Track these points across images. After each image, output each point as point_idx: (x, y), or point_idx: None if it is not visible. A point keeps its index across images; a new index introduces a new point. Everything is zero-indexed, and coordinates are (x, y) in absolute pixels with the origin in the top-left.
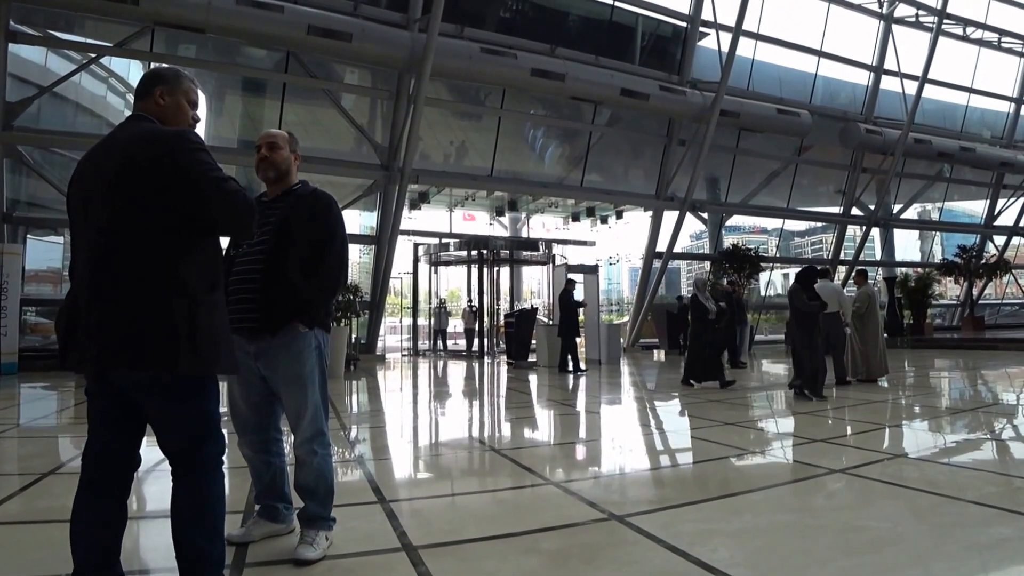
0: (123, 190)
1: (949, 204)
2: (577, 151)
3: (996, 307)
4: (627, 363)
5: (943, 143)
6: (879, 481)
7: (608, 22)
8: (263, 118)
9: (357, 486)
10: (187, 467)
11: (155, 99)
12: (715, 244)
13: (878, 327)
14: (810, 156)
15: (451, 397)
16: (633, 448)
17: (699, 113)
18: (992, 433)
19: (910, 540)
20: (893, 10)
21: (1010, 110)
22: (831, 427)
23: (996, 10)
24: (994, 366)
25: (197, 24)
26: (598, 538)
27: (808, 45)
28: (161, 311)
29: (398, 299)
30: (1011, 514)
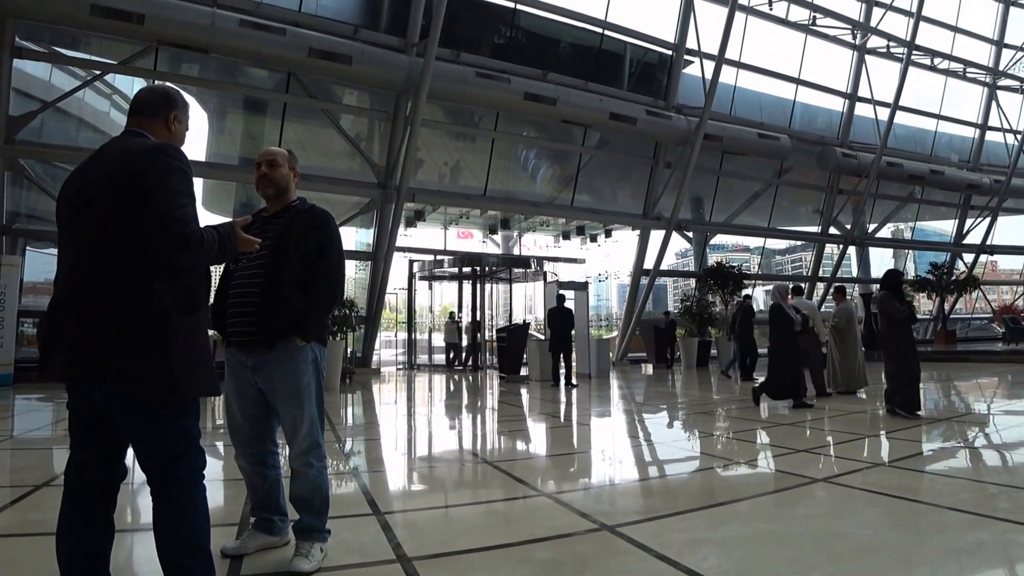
0: (105, 205)
1: (921, 223)
2: (568, 172)
3: (967, 321)
4: (616, 377)
5: (914, 166)
6: (860, 489)
7: (598, 49)
8: (264, 136)
9: (352, 498)
10: (164, 484)
11: (168, 121)
12: (700, 262)
13: (857, 341)
14: (789, 178)
15: (444, 410)
16: (623, 459)
17: (684, 137)
18: (966, 442)
19: (891, 546)
20: (866, 41)
21: (975, 136)
22: (812, 437)
23: (961, 42)
24: (966, 377)
25: (200, 44)
26: (590, 548)
27: (787, 73)
28: (135, 330)
29: (393, 314)
30: (986, 519)
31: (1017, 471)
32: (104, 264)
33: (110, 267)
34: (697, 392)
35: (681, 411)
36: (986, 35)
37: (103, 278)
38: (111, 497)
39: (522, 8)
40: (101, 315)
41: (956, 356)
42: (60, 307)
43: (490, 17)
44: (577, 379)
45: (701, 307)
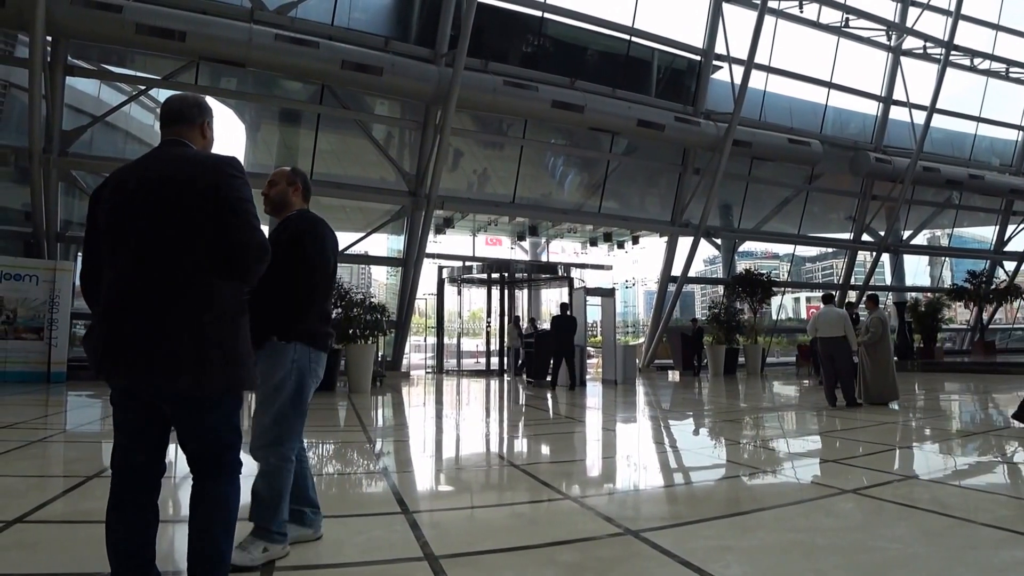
0: (173, 213)
1: (958, 230)
2: (595, 179)
3: (1007, 332)
4: (642, 383)
5: (952, 171)
6: (890, 502)
7: (625, 56)
8: (299, 147)
9: (382, 497)
10: (212, 472)
11: (202, 129)
12: (728, 269)
13: (889, 351)
14: (821, 184)
15: (472, 413)
16: (648, 465)
17: (713, 143)
18: (1004, 456)
19: (922, 561)
20: (901, 42)
21: (1019, 138)
22: (842, 448)
23: (1003, 41)
24: (1005, 390)
25: (238, 59)
26: (614, 552)
27: (818, 77)
28: (200, 330)
29: (423, 319)
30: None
31: None
32: (172, 268)
33: (178, 271)
34: (724, 399)
35: (707, 418)
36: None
37: (171, 280)
38: (155, 490)
39: (549, 17)
40: (169, 316)
41: (994, 368)
42: (117, 311)
43: (517, 26)
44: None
45: (729, 315)
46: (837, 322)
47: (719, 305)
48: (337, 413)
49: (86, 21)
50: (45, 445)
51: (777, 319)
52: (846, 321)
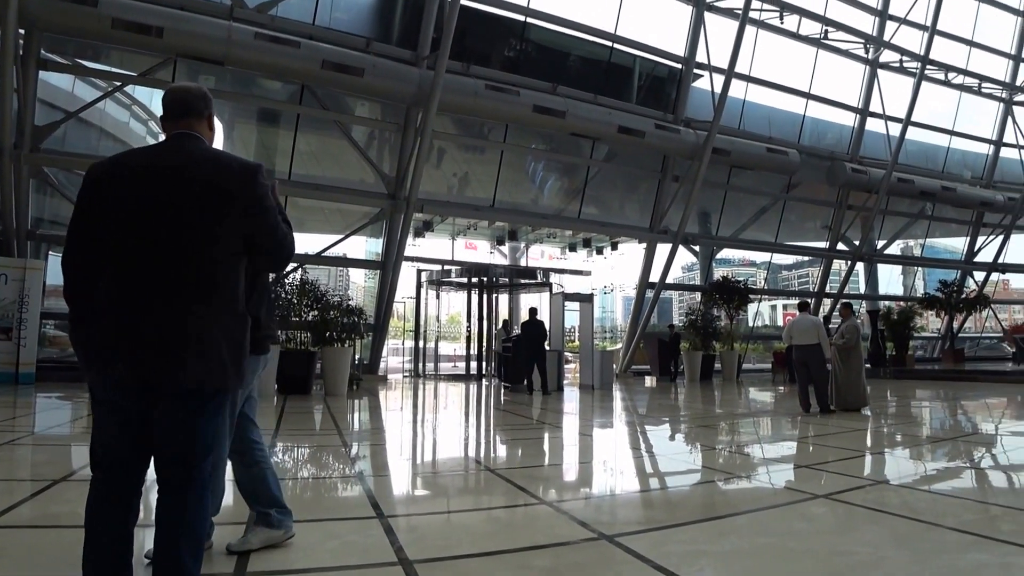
0: (208, 211)
1: (931, 240)
2: (575, 184)
3: (976, 340)
4: (619, 388)
5: (925, 182)
6: (861, 506)
7: (607, 63)
8: (277, 147)
9: (357, 501)
10: (181, 486)
11: (208, 122)
12: (706, 276)
13: (861, 359)
14: (798, 193)
15: (448, 417)
16: (623, 470)
17: (692, 151)
18: (971, 462)
19: (891, 565)
20: (878, 56)
21: (990, 152)
22: (814, 453)
23: (977, 57)
24: (973, 397)
25: (217, 57)
26: (588, 557)
27: (797, 87)
28: (224, 331)
29: (401, 322)
30: (989, 540)
31: (1022, 492)
32: (198, 266)
33: (205, 269)
34: (700, 405)
35: (683, 424)
36: (1003, 49)
37: (198, 279)
38: (138, 493)
39: (532, 22)
40: (195, 315)
41: (964, 375)
42: (137, 302)
43: (500, 30)
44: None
45: (706, 321)
46: (811, 330)
47: (696, 312)
48: (313, 417)
49: (60, 14)
50: (12, 448)
51: (753, 326)
52: (820, 329)
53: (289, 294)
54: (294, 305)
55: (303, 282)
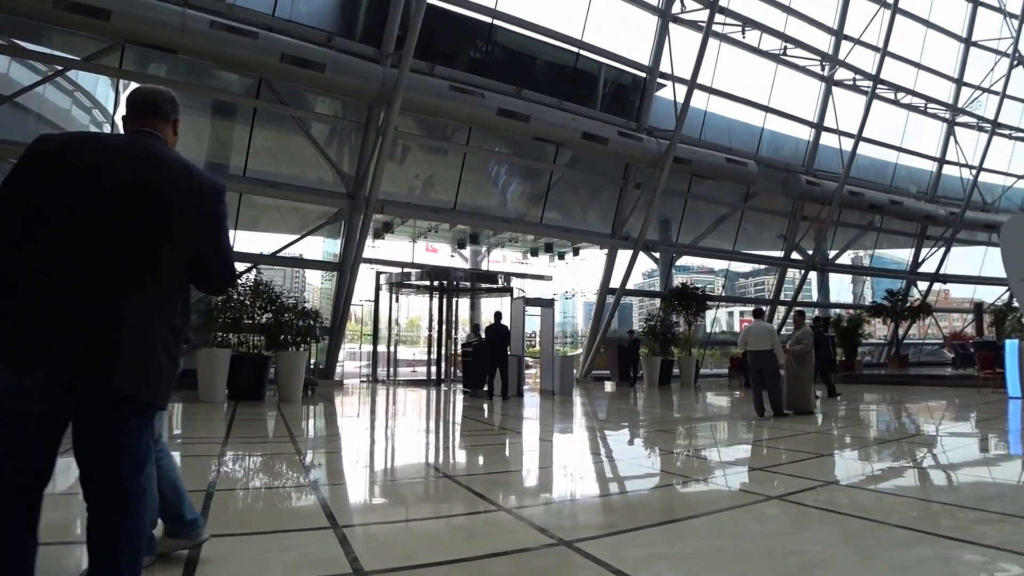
0: (169, 222)
1: (879, 251)
2: (538, 189)
3: (919, 346)
4: (579, 393)
5: (875, 196)
6: (812, 507)
7: (572, 68)
8: (232, 142)
9: (311, 511)
10: (121, 501)
11: (174, 126)
12: (665, 282)
13: (812, 365)
14: (755, 203)
15: (407, 424)
16: (583, 475)
17: (654, 159)
18: (914, 462)
19: (840, 562)
20: (833, 73)
21: (934, 169)
22: (768, 456)
23: (924, 79)
24: (916, 400)
25: (169, 44)
26: (548, 563)
27: (757, 101)
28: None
29: (358, 326)
30: (930, 536)
31: (960, 490)
32: (143, 273)
33: (147, 277)
34: (659, 410)
35: (642, 428)
36: (947, 73)
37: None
38: (40, 498)
39: (499, 24)
40: (138, 317)
41: (908, 380)
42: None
43: (467, 31)
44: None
45: (665, 327)
46: (765, 336)
47: (655, 318)
48: (265, 423)
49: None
50: None
51: (711, 332)
52: (773, 335)
53: (242, 296)
54: (247, 307)
55: (257, 283)
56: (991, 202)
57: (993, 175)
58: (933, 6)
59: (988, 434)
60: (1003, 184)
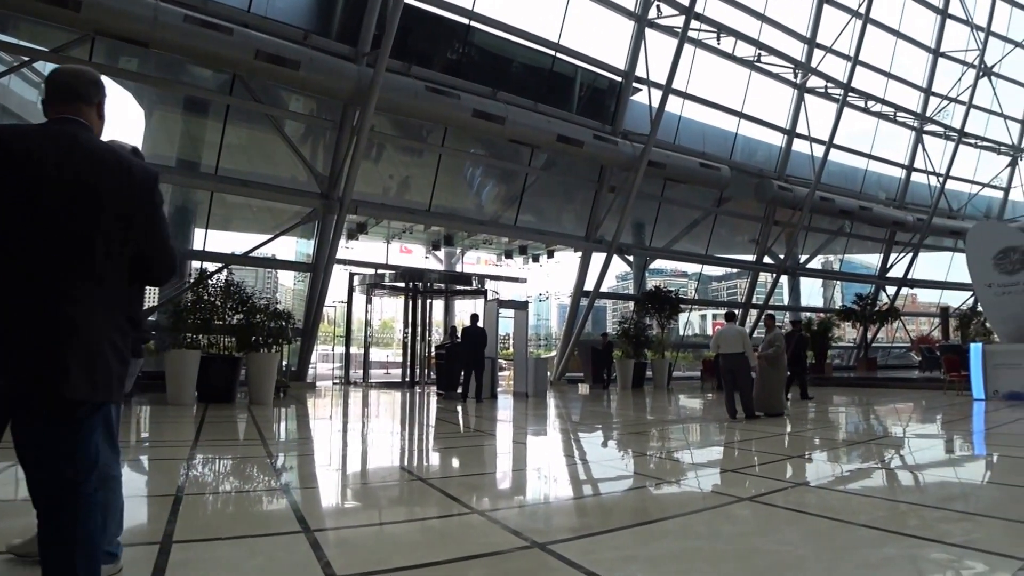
0: (114, 210)
1: (848, 256)
2: (513, 191)
3: (887, 350)
4: (553, 396)
5: (845, 202)
6: (783, 508)
7: (549, 71)
8: (204, 138)
9: (282, 515)
10: (71, 502)
11: (99, 110)
12: (639, 285)
13: (784, 367)
14: (728, 207)
15: (380, 426)
16: (556, 477)
17: (629, 162)
18: (882, 462)
19: (810, 562)
20: (806, 81)
21: (902, 176)
22: (740, 458)
23: (893, 88)
24: (884, 402)
25: (141, 38)
26: (521, 566)
27: (731, 106)
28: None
29: (331, 328)
30: (897, 535)
31: (926, 490)
32: (86, 270)
33: (90, 275)
34: (632, 412)
35: (615, 431)
36: (916, 82)
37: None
38: None
39: (476, 25)
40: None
41: (876, 382)
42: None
43: (443, 32)
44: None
45: (638, 330)
46: (737, 339)
47: (629, 320)
48: (236, 426)
49: None
50: None
51: (684, 335)
52: (745, 338)
53: (212, 296)
54: (217, 308)
55: (228, 284)
56: (957, 209)
57: (959, 183)
58: (903, 17)
59: (953, 435)
60: (969, 192)
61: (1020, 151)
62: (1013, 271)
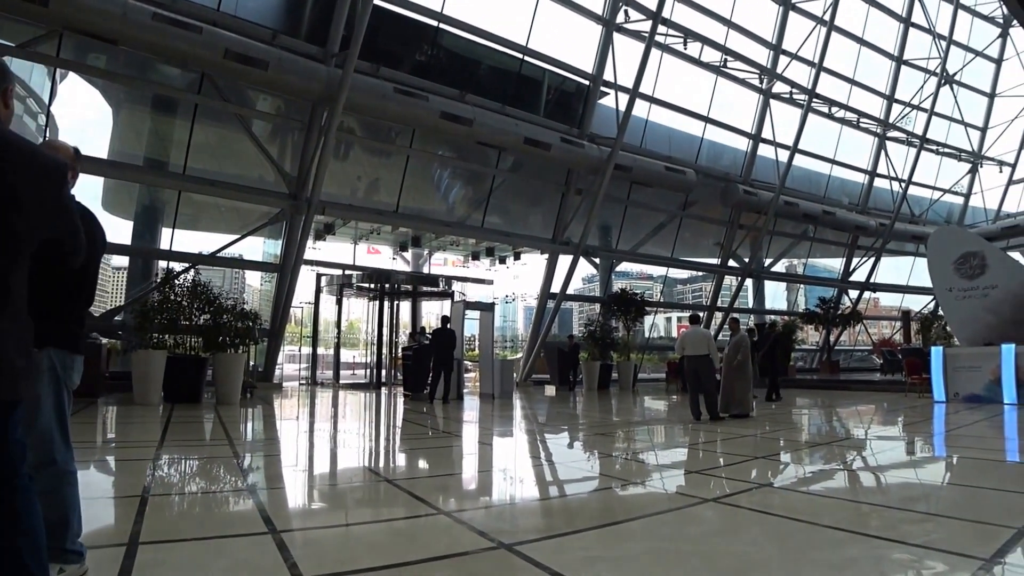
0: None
1: (812, 260)
2: (480, 193)
3: (849, 353)
4: (519, 397)
5: (809, 206)
6: (747, 509)
7: (517, 74)
8: (172, 137)
9: (248, 516)
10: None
11: (4, 97)
12: (605, 288)
13: (750, 369)
14: (694, 211)
15: (346, 427)
16: (523, 478)
17: (596, 165)
18: (845, 464)
19: (774, 562)
20: (771, 87)
21: (865, 181)
22: (704, 459)
23: (857, 94)
24: (847, 404)
25: (110, 34)
26: (488, 567)
27: (697, 111)
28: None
29: (298, 328)
30: (860, 536)
31: (887, 491)
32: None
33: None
34: (597, 414)
35: (581, 432)
36: (879, 89)
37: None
38: None
39: (445, 28)
40: None
41: (838, 385)
42: None
43: (412, 34)
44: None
45: (604, 332)
46: (702, 341)
47: (595, 322)
48: (202, 426)
49: None
50: None
51: (649, 337)
52: (710, 340)
53: (179, 296)
54: (184, 308)
55: (195, 284)
56: (919, 214)
57: (921, 188)
58: (867, 25)
59: (915, 437)
60: (930, 197)
61: (980, 158)
62: (973, 276)
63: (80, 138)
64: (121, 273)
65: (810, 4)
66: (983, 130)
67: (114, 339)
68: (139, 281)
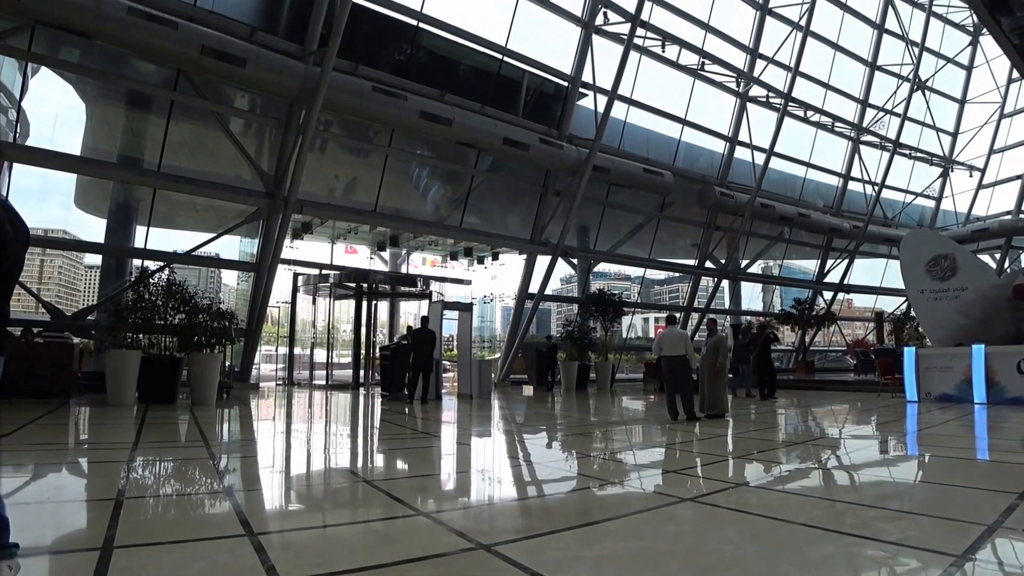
0: None
1: (788, 262)
2: (458, 193)
3: (824, 353)
4: (497, 397)
5: (784, 208)
6: (724, 508)
7: (496, 75)
8: (147, 134)
9: (225, 518)
10: None
11: None
12: (583, 288)
13: (726, 369)
14: (671, 212)
15: (324, 428)
16: (501, 479)
17: (574, 166)
18: (820, 463)
19: (750, 560)
20: (748, 90)
21: (839, 184)
22: (682, 459)
23: (832, 99)
24: (822, 404)
25: (83, 29)
26: (467, 567)
27: (674, 113)
28: None
29: (275, 328)
30: (834, 534)
31: (862, 489)
32: None
33: None
34: (576, 414)
35: (559, 432)
36: (853, 94)
37: None
38: None
39: (424, 27)
40: None
41: (813, 384)
42: None
43: (391, 32)
44: (440, 397)
45: (582, 332)
46: (679, 342)
47: (573, 323)
48: (178, 427)
49: None
50: None
51: (627, 337)
52: (687, 341)
53: (154, 295)
54: (158, 308)
55: (170, 283)
56: (892, 217)
57: (894, 192)
58: (842, 31)
59: (888, 436)
60: (903, 200)
61: (951, 163)
62: (944, 278)
63: (52, 134)
64: (94, 271)
65: (787, 9)
66: (954, 135)
67: (87, 339)
68: (113, 280)
